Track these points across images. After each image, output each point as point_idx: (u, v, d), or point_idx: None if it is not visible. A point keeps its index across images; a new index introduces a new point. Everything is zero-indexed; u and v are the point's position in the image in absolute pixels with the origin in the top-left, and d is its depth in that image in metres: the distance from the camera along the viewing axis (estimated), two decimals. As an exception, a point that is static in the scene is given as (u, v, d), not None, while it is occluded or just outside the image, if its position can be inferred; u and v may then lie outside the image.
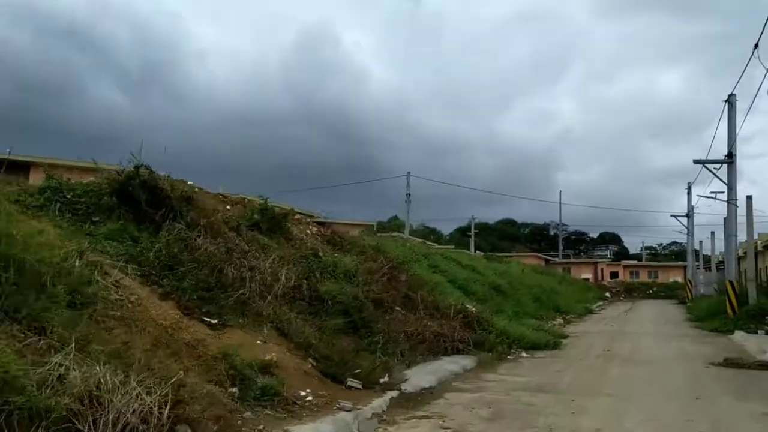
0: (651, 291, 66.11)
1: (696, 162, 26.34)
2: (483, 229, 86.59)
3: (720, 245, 43.35)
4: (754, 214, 25.14)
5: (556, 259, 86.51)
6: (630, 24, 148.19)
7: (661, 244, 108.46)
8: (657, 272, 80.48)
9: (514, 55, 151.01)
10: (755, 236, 27.13)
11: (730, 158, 23.58)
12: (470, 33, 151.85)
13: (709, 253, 53.48)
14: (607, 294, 58.91)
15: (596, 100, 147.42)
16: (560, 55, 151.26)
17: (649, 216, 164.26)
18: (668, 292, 64.64)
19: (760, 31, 15.47)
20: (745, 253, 27.79)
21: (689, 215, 44.02)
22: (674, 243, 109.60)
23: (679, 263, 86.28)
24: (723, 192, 24.87)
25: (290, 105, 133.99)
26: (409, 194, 56.24)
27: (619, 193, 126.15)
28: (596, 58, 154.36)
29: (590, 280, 75.93)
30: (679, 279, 75.97)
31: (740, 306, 22.31)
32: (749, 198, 24.97)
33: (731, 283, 23.18)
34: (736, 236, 24.98)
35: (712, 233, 52.10)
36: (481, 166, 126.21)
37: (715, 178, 25.56)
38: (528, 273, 34.54)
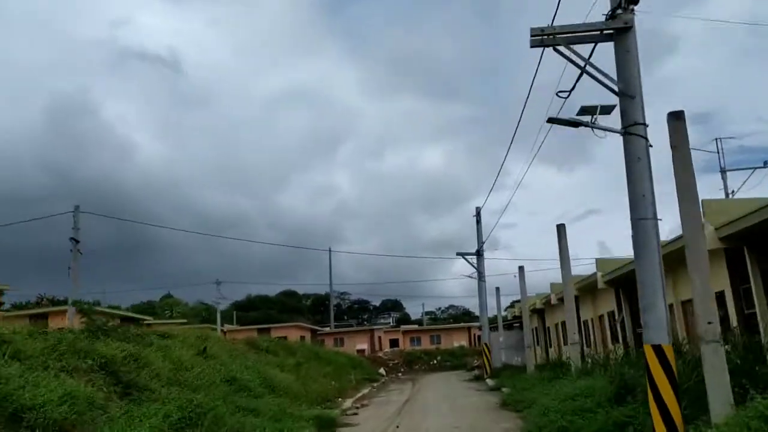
0: (435, 361, 52.96)
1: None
2: (264, 301, 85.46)
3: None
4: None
5: (327, 329, 71.34)
6: (395, 104, 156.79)
7: (440, 308, 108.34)
8: (440, 336, 68.73)
9: (288, 132, 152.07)
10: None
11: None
12: (241, 108, 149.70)
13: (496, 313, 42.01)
14: (382, 370, 44.10)
15: (369, 176, 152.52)
16: (333, 132, 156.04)
17: (427, 284, 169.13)
18: (454, 361, 52.15)
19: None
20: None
21: (480, 253, 31.25)
22: (452, 306, 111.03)
23: (462, 325, 76.62)
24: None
25: (47, 181, 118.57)
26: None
27: (397, 263, 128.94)
28: (367, 135, 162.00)
29: (366, 352, 62.17)
30: (464, 343, 65.09)
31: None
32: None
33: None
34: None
35: (497, 289, 41.37)
36: (262, 239, 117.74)
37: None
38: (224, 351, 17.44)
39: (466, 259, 29.40)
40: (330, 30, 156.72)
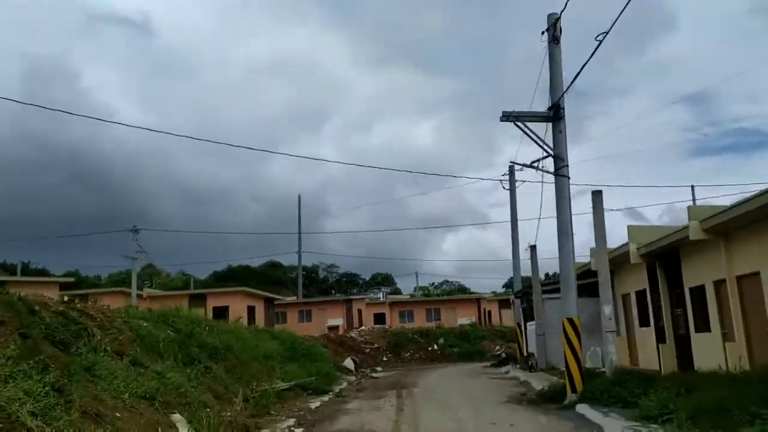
0: (435, 345, 35.57)
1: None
2: (245, 272, 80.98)
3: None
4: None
5: (290, 299, 54.28)
6: (383, 76, 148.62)
7: (433, 283, 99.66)
8: (439, 311, 51.54)
9: (272, 103, 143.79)
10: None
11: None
12: (222, 77, 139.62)
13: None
14: (350, 362, 26.72)
15: (356, 149, 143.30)
16: (319, 104, 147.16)
17: (417, 262, 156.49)
18: (464, 346, 35.01)
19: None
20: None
21: (558, 113, 13.63)
22: (446, 282, 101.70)
23: (468, 296, 59.51)
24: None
25: (25, 148, 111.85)
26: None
27: (385, 239, 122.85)
28: (355, 107, 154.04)
29: (341, 329, 45.90)
30: (473, 319, 48.03)
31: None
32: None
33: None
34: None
35: (533, 247, 25.09)
36: (246, 213, 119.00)
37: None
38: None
39: (520, 126, 12.88)
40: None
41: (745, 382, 9.86)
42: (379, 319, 55.42)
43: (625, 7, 9.78)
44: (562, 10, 13.52)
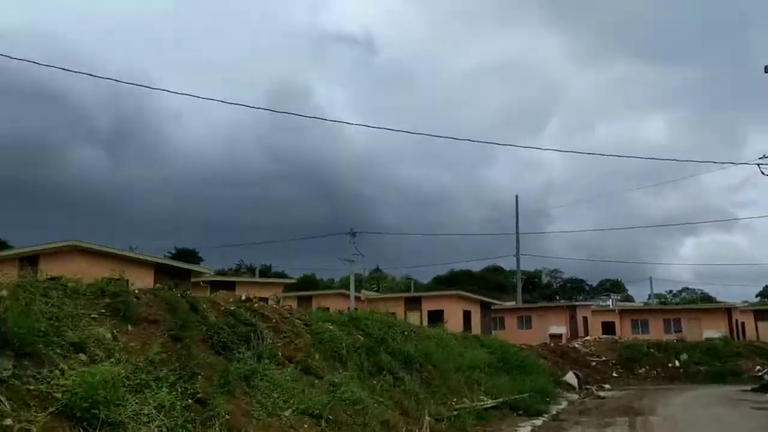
0: (677, 362, 30.45)
1: None
2: (466, 276, 79.61)
3: None
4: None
5: (509, 304, 51.73)
6: (606, 71, 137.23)
7: (671, 290, 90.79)
8: (679, 321, 44.88)
9: (491, 107, 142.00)
10: None
11: None
12: (441, 84, 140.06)
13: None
14: (571, 377, 23.50)
15: (580, 150, 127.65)
16: (539, 105, 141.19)
17: (650, 267, 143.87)
18: (711, 363, 29.52)
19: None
20: None
21: None
22: (686, 289, 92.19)
23: (714, 305, 51.29)
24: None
25: (267, 163, 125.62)
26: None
27: (617, 243, 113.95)
28: (576, 106, 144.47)
29: (564, 338, 42.25)
30: (724, 332, 40.83)
31: None
32: None
33: None
34: None
35: None
36: (466, 219, 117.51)
37: None
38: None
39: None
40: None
41: None
42: (608, 328, 50.19)
43: None
44: None
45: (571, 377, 23.54)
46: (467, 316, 42.88)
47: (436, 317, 41.09)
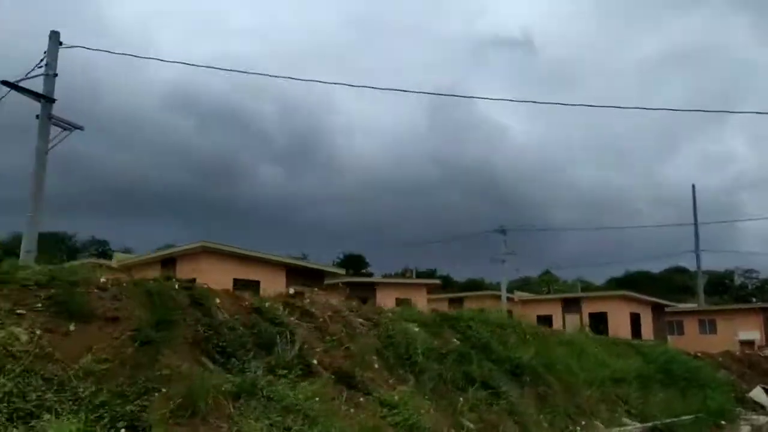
0: None
1: None
2: (643, 278, 76.00)
3: None
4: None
5: (681, 306, 45.45)
6: None
7: None
8: None
9: (670, 98, 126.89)
10: None
11: None
12: (610, 80, 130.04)
13: None
14: (760, 392, 18.73)
15: None
16: (724, 91, 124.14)
17: None
18: None
19: None
20: None
21: None
22: None
23: None
24: None
25: (435, 170, 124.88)
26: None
27: None
28: (765, 90, 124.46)
29: (757, 344, 36.19)
30: None
31: None
32: None
33: None
34: None
35: None
36: (647, 219, 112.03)
37: None
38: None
39: None
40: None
41: None
42: (816, 333, 41.86)
43: None
44: None
45: (759, 393, 18.80)
46: (636, 319, 38.11)
47: (598, 320, 36.81)
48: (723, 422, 15.07)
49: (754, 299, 76.12)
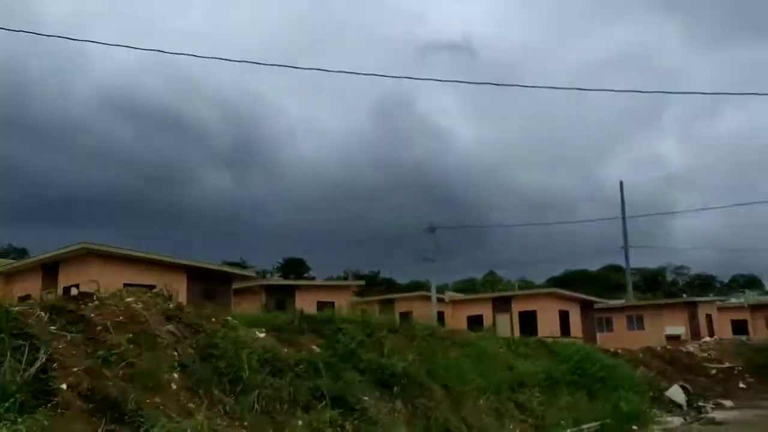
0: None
1: None
2: (582, 276, 77.92)
3: None
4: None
5: (610, 303, 45.28)
6: (728, 55, 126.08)
7: None
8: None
9: (604, 103, 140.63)
10: None
11: None
12: (548, 83, 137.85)
13: None
14: (677, 391, 17.76)
15: (701, 140, 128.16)
16: (655, 96, 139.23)
17: None
18: None
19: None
20: None
21: None
22: None
23: None
24: None
25: (380, 173, 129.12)
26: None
27: (747, 235, 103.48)
28: (694, 95, 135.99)
29: (681, 339, 36.01)
30: None
31: None
32: None
33: None
34: None
35: None
36: (588, 218, 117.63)
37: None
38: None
39: None
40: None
41: None
42: (739, 328, 42.60)
43: None
44: None
45: (676, 392, 17.87)
46: (564, 317, 37.61)
47: (528, 319, 36.15)
48: (635, 427, 13.90)
49: (684, 295, 78.18)
